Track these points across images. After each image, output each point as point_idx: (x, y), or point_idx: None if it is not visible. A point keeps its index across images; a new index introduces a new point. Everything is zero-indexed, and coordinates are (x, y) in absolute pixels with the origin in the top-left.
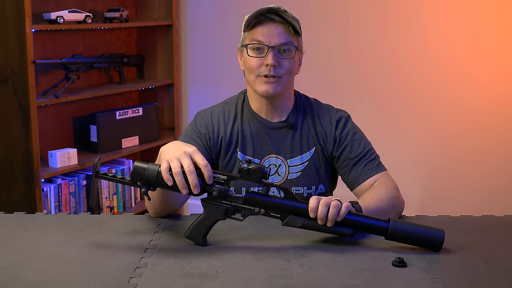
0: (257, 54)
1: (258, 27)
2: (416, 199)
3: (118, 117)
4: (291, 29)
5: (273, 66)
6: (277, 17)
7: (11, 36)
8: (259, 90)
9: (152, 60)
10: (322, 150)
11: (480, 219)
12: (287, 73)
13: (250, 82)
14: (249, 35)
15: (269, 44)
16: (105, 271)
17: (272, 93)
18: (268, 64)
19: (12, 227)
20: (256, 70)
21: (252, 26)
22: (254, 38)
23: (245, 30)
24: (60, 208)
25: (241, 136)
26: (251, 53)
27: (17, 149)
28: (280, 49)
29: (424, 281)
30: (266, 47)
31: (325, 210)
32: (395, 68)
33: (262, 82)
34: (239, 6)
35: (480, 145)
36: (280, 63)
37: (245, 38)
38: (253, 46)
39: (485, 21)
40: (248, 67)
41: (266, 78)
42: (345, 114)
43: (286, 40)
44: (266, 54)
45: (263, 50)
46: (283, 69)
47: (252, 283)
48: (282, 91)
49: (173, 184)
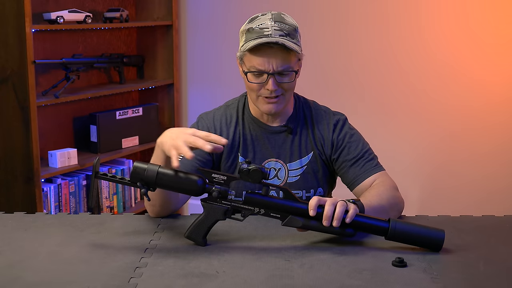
0: (257, 79)
1: (257, 54)
2: (416, 199)
3: (118, 117)
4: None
5: (274, 90)
6: (276, 45)
7: (11, 36)
8: (262, 109)
9: (152, 60)
10: (320, 154)
11: (480, 219)
12: (289, 91)
13: (252, 100)
14: (248, 58)
15: (269, 71)
16: (105, 271)
17: (274, 111)
18: (269, 89)
19: (12, 227)
20: (257, 92)
21: (251, 49)
22: (253, 65)
23: (244, 49)
24: (60, 208)
25: (242, 141)
26: (251, 79)
27: (17, 149)
28: (280, 74)
29: (424, 281)
30: (266, 74)
31: (332, 209)
32: (395, 69)
33: (264, 102)
34: (239, 6)
35: (480, 145)
36: (281, 85)
37: (243, 57)
38: (253, 73)
39: (485, 21)
40: (248, 87)
41: (268, 99)
42: (342, 117)
43: (285, 67)
44: (266, 80)
45: (262, 76)
46: (284, 89)
47: (252, 283)
48: (284, 106)
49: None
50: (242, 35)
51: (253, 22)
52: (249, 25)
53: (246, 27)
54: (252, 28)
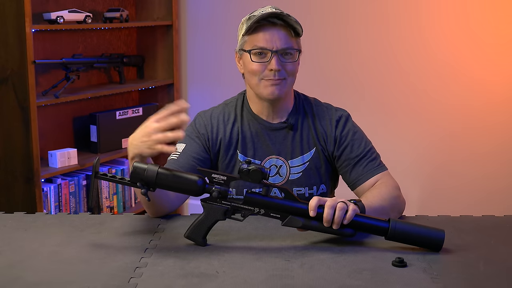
0: (260, 59)
1: (259, 32)
2: (416, 199)
3: (118, 117)
4: (292, 31)
5: (277, 70)
6: (279, 21)
7: (11, 36)
8: (264, 93)
9: (152, 60)
10: (322, 150)
11: (480, 219)
12: (291, 75)
13: (252, 85)
14: (250, 39)
15: (272, 49)
16: (105, 271)
17: (277, 95)
18: (272, 69)
19: (12, 227)
20: (259, 74)
21: (253, 30)
22: (256, 44)
23: (245, 34)
24: (60, 208)
25: (241, 138)
26: (254, 59)
27: (17, 149)
28: (283, 53)
29: (424, 281)
30: (270, 52)
31: (331, 212)
32: (395, 68)
33: (266, 85)
34: (239, 6)
35: (480, 145)
36: (284, 66)
37: (245, 42)
38: (256, 52)
39: (485, 21)
40: (250, 70)
41: (271, 80)
42: (344, 113)
43: (288, 44)
44: (269, 59)
45: (266, 55)
46: (287, 72)
47: (252, 283)
48: (286, 92)
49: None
50: (242, 25)
51: (253, 13)
52: (250, 15)
53: (246, 17)
54: (254, 16)
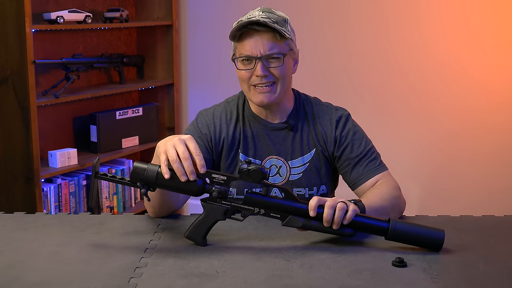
0: (246, 66)
1: (245, 40)
2: (416, 199)
3: (118, 117)
4: (277, 35)
5: (263, 76)
6: (261, 27)
7: (11, 36)
8: (254, 101)
9: (152, 60)
10: (322, 151)
11: (480, 219)
12: (281, 79)
13: (245, 92)
14: (238, 47)
15: (256, 56)
16: (105, 271)
17: (267, 102)
18: (258, 75)
19: (12, 227)
20: (247, 80)
21: (238, 37)
22: (242, 52)
23: (232, 40)
24: (60, 208)
25: (242, 138)
26: (240, 66)
27: (17, 149)
28: (268, 58)
29: (424, 281)
30: (254, 58)
31: (331, 212)
32: (395, 68)
33: (256, 93)
34: (239, 6)
35: (481, 145)
36: (271, 71)
37: (235, 49)
38: (242, 59)
39: (485, 21)
40: (239, 77)
41: (260, 88)
42: (345, 112)
43: (272, 50)
44: (254, 66)
45: (251, 62)
46: (275, 76)
47: (252, 283)
48: (278, 97)
49: (170, 177)
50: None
51: (242, 17)
52: (238, 20)
53: (235, 22)
54: (241, 20)
